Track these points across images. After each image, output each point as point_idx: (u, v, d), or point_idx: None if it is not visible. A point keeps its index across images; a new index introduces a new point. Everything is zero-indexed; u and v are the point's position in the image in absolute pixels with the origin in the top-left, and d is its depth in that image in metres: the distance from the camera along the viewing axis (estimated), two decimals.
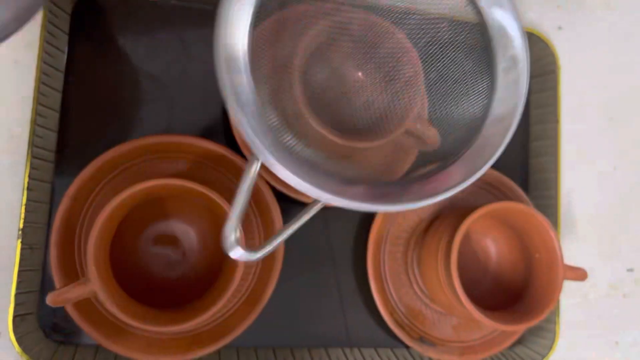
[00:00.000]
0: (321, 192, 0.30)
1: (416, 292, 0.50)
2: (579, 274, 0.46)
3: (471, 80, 0.38)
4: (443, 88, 0.38)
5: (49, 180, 0.45)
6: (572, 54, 0.57)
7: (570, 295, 0.56)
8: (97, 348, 0.45)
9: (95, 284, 0.36)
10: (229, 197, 0.46)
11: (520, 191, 0.51)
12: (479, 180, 0.51)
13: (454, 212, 0.48)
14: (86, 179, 0.43)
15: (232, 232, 0.30)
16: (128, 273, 0.43)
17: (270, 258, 0.46)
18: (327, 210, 0.51)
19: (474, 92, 0.36)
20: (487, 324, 0.42)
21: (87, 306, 0.43)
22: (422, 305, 0.50)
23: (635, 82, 0.59)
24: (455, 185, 0.31)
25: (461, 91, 0.36)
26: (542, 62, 0.56)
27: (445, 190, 0.31)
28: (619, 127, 0.58)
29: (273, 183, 0.46)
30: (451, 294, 0.44)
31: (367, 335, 0.51)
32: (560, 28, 0.58)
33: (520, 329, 0.44)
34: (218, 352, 0.47)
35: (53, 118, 0.46)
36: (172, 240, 0.46)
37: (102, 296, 0.36)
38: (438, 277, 0.46)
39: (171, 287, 0.45)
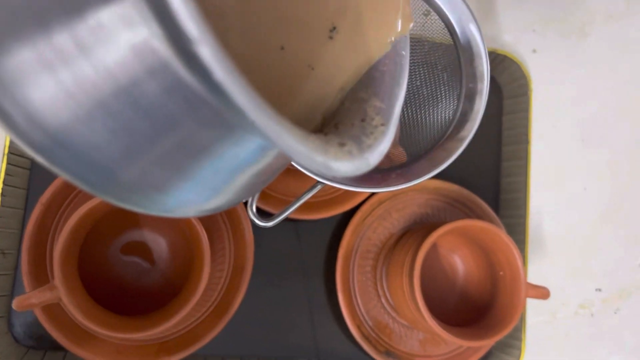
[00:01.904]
0: (319, 177, 0.35)
1: (384, 305, 0.51)
2: (542, 293, 0.47)
3: (443, 91, 0.39)
4: (417, 101, 0.40)
5: (24, 187, 0.46)
6: (546, 77, 0.59)
7: (538, 313, 0.57)
8: (66, 354, 0.46)
9: (60, 290, 0.37)
10: None
11: (489, 209, 0.53)
12: (449, 198, 0.53)
13: (423, 228, 0.49)
14: (60, 186, 0.44)
15: (251, 205, 0.38)
16: (98, 280, 0.44)
17: (239, 269, 0.47)
18: (300, 224, 0.52)
19: (442, 106, 0.38)
20: (447, 338, 0.43)
21: (57, 312, 0.43)
22: (389, 319, 0.51)
23: (606, 106, 0.60)
24: (425, 174, 0.34)
25: (435, 99, 0.38)
26: (515, 84, 0.57)
27: (417, 177, 0.34)
28: (591, 149, 0.60)
29: None
30: (415, 308, 0.45)
31: (335, 347, 0.51)
32: (535, 51, 0.59)
33: (481, 345, 0.45)
34: None
35: None
36: (142, 249, 0.46)
37: (67, 302, 0.37)
38: (403, 291, 0.46)
39: (142, 294, 0.46)
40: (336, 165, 0.19)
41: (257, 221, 0.35)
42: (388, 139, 0.23)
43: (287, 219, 0.51)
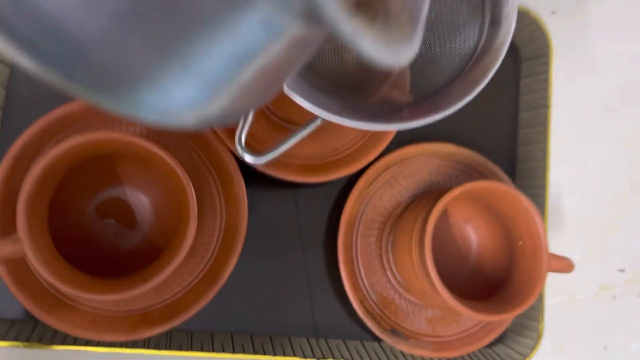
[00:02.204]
0: (320, 110, 0.30)
1: (390, 279, 0.47)
2: (565, 264, 0.42)
3: (463, 21, 0.34)
4: (433, 36, 0.35)
5: None
6: (565, 40, 0.54)
7: (556, 294, 0.53)
8: (37, 324, 0.42)
9: (25, 242, 0.32)
10: (191, 169, 0.43)
11: (506, 177, 0.48)
12: (462, 164, 0.48)
13: (433, 193, 0.44)
14: (31, 137, 0.39)
15: (240, 138, 0.33)
16: (73, 242, 0.40)
17: (230, 234, 0.42)
18: (298, 189, 0.48)
19: (465, 31, 0.33)
20: (460, 310, 0.39)
21: (26, 275, 0.39)
22: (395, 294, 0.47)
23: (630, 73, 0.56)
24: (442, 110, 0.29)
25: (454, 30, 0.33)
26: (534, 45, 0.52)
27: (434, 113, 0.29)
28: (613, 119, 0.55)
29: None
30: (425, 279, 0.41)
31: (335, 324, 0.47)
32: (554, 12, 0.55)
33: (498, 319, 0.40)
34: (169, 334, 0.43)
35: (3, 73, 0.43)
36: (124, 209, 0.42)
37: (32, 256, 0.32)
38: (412, 262, 0.42)
39: (122, 258, 0.41)
40: (365, 40, 0.16)
41: (246, 156, 0.31)
42: (417, 37, 0.20)
43: (284, 184, 0.47)
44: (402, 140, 0.48)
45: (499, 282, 0.45)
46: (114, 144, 0.35)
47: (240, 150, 0.31)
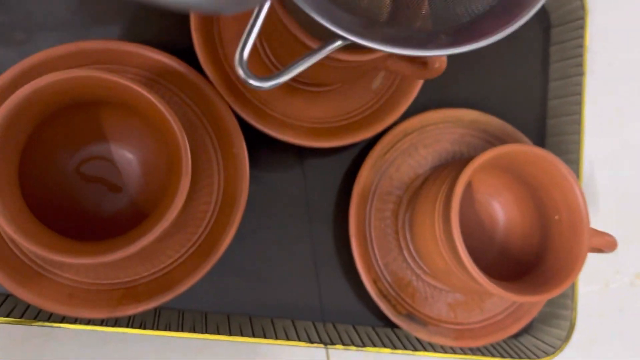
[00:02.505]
0: (340, 29, 0.24)
1: (406, 259, 0.42)
2: (607, 242, 0.37)
3: None
4: None
5: None
6: (601, 6, 0.50)
7: (587, 282, 0.48)
8: (7, 298, 0.37)
9: None
10: (186, 125, 0.38)
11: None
12: (488, 134, 0.44)
13: (457, 163, 0.39)
14: (5, 86, 0.34)
15: (242, 55, 0.27)
16: (51, 204, 0.35)
17: (229, 202, 0.38)
18: (306, 156, 0.43)
19: None
20: (492, 290, 0.34)
21: None
22: (412, 275, 0.42)
23: None
24: (486, 36, 0.24)
25: None
26: (566, 8, 0.48)
27: (474, 40, 0.24)
28: None
29: (240, 112, 0.38)
30: (450, 254, 0.36)
31: (345, 307, 0.42)
32: None
33: (533, 301, 0.35)
34: (157, 312, 0.38)
35: None
36: (108, 169, 0.37)
37: None
38: (434, 238, 0.37)
39: (105, 224, 0.37)
40: None
41: (251, 80, 0.26)
42: None
43: (291, 150, 0.42)
44: (421, 106, 0.43)
45: (529, 264, 0.40)
46: (97, 86, 0.31)
47: (241, 72, 0.26)
